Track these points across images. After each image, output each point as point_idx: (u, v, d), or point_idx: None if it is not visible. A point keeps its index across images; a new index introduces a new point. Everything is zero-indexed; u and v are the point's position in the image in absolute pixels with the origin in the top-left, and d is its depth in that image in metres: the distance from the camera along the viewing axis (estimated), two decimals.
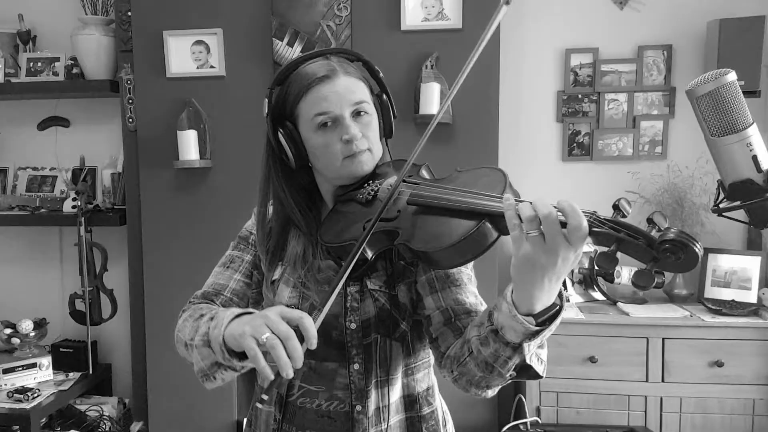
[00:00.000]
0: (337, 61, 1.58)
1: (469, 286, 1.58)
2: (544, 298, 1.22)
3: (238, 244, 1.77)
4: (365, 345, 1.57)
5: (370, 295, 1.57)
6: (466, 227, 1.28)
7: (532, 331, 1.23)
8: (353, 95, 1.54)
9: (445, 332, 1.50)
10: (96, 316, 3.81)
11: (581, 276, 3.65)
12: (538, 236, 1.15)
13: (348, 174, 1.57)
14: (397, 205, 1.46)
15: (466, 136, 3.35)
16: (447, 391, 1.76)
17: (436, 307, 1.53)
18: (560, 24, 3.79)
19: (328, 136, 1.54)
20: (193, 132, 3.47)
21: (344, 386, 1.60)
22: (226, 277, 1.72)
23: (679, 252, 1.08)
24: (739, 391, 3.20)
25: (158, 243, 3.63)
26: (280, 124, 1.59)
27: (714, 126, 1.23)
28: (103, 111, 4.02)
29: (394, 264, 1.58)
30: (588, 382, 3.29)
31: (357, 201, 1.57)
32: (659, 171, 3.69)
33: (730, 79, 1.22)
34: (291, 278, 1.63)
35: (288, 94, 1.58)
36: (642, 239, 1.11)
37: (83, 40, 3.75)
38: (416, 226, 1.39)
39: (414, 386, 1.66)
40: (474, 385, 1.41)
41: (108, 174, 3.97)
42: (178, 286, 3.50)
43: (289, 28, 3.41)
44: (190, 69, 3.54)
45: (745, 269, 3.45)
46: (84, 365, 3.87)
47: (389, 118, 1.65)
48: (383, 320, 1.56)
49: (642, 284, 1.12)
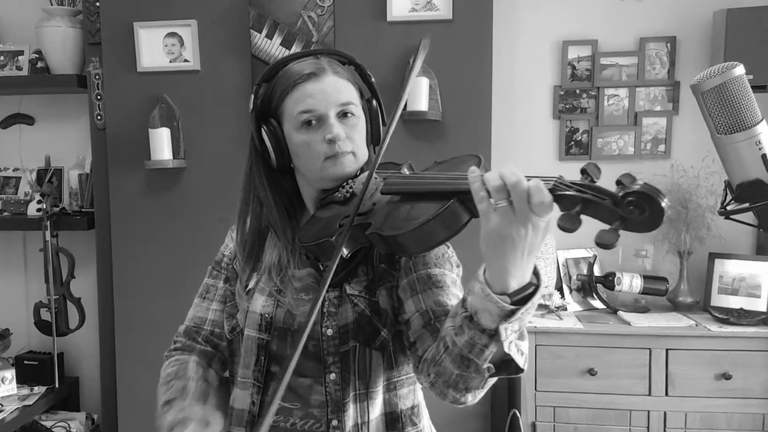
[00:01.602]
0: (327, 61, 1.62)
1: (453, 289, 1.58)
2: (518, 273, 1.22)
3: (212, 270, 1.81)
4: (342, 353, 1.57)
5: (348, 300, 1.58)
6: (434, 208, 1.31)
7: (508, 311, 1.22)
8: (340, 95, 1.58)
9: (424, 335, 1.50)
10: (62, 327, 3.77)
11: (579, 283, 3.64)
12: (506, 206, 1.16)
13: (329, 176, 1.59)
14: (372, 199, 1.50)
15: (456, 134, 3.35)
16: (437, 407, 1.76)
17: (416, 309, 1.53)
18: (557, 14, 3.77)
19: (311, 134, 1.57)
20: (166, 130, 3.45)
21: (320, 403, 1.59)
22: (203, 309, 1.78)
23: (643, 205, 1.08)
24: (747, 406, 3.18)
25: (129, 248, 3.60)
26: (264, 122, 1.62)
27: (721, 123, 1.26)
28: (69, 108, 4.00)
29: (375, 268, 1.60)
30: (587, 396, 3.26)
31: (336, 201, 1.59)
32: (662, 171, 3.67)
33: (738, 73, 1.26)
34: (266, 287, 1.65)
35: (274, 90, 1.62)
36: (608, 199, 1.12)
37: (48, 32, 3.72)
38: (389, 214, 1.43)
39: (397, 403, 1.65)
40: (451, 386, 1.38)
41: (75, 175, 3.94)
42: (150, 294, 3.50)
43: (268, 19, 3.40)
44: (163, 63, 3.52)
45: (754, 275, 3.44)
46: (50, 379, 3.83)
47: (378, 125, 1.69)
48: (362, 327, 1.57)
49: (605, 242, 1.10)
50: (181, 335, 1.78)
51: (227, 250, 1.79)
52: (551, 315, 3.42)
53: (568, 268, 3.68)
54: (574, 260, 3.70)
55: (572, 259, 3.70)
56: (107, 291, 3.69)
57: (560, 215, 1.13)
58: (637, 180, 1.11)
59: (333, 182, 1.60)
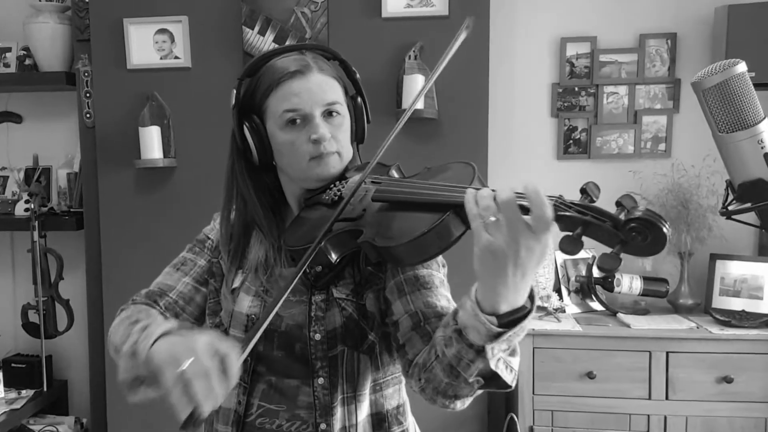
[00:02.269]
0: (312, 57, 1.61)
1: (441, 290, 1.58)
2: (510, 296, 1.20)
3: (194, 247, 1.79)
4: (330, 357, 1.57)
5: (336, 304, 1.58)
6: (430, 220, 1.30)
7: (495, 333, 1.22)
8: (326, 94, 1.57)
9: (413, 338, 1.50)
10: (51, 329, 3.77)
11: (578, 285, 3.64)
12: (496, 222, 1.15)
13: (314, 176, 1.59)
14: (363, 204, 1.49)
15: (452, 133, 3.34)
16: (432, 411, 1.76)
17: (405, 311, 1.53)
18: (555, 10, 3.77)
19: (296, 134, 1.56)
20: (156, 128, 3.45)
21: (307, 405, 1.59)
22: (174, 279, 1.74)
23: (645, 232, 1.09)
24: (749, 410, 3.17)
25: (118, 249, 3.59)
26: (246, 118, 1.62)
27: (722, 121, 1.26)
28: (58, 106, 3.99)
29: (362, 270, 1.59)
30: (585, 400, 3.25)
31: (323, 203, 1.58)
32: (662, 170, 3.67)
33: (740, 70, 1.26)
34: (252, 286, 1.64)
35: (257, 86, 1.60)
36: (608, 221, 1.12)
37: (36, 28, 3.72)
38: (380, 223, 1.42)
39: (383, 403, 1.66)
40: (441, 393, 1.39)
41: (64, 174, 3.94)
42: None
43: (261, 15, 3.41)
44: (153, 60, 3.51)
45: (756, 277, 3.44)
46: (38, 382, 3.84)
47: (362, 123, 1.69)
48: (350, 331, 1.57)
49: (607, 267, 1.12)
50: (141, 296, 1.72)
51: (213, 233, 1.77)
52: (549, 317, 3.41)
53: (567, 270, 3.67)
54: (572, 261, 3.69)
55: (571, 260, 3.70)
56: (96, 292, 3.69)
57: (561, 239, 1.13)
58: (639, 205, 1.12)
59: (318, 182, 1.60)
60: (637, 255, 1.12)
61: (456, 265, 1.69)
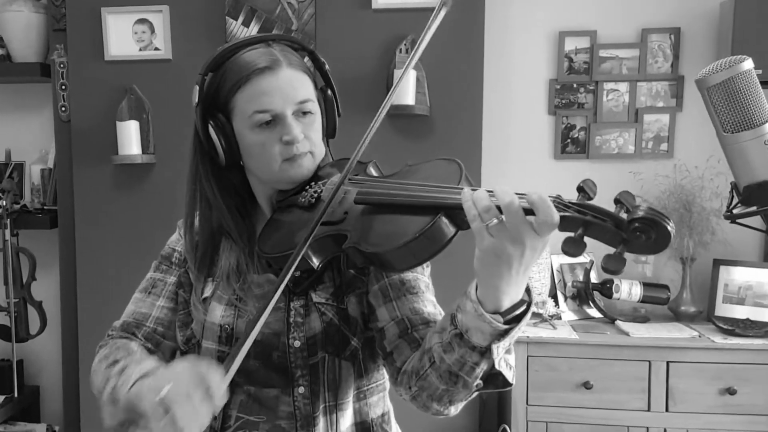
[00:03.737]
0: (279, 50, 1.57)
1: (427, 294, 1.59)
2: (512, 292, 1.24)
3: (160, 265, 1.77)
4: (311, 365, 1.57)
5: (315, 309, 1.57)
6: (420, 223, 1.29)
7: (501, 331, 1.24)
8: (297, 92, 1.54)
9: (401, 345, 1.50)
10: (22, 332, 3.77)
11: (575, 290, 3.63)
12: (499, 225, 1.16)
13: (287, 178, 1.57)
14: (344, 206, 1.47)
15: (445, 130, 3.36)
16: (423, 421, 1.75)
17: (391, 318, 1.53)
18: (553, 3, 3.76)
19: (267, 135, 1.54)
20: (135, 123, 3.46)
21: (288, 415, 1.59)
22: (147, 305, 1.71)
23: (649, 231, 1.10)
24: (753, 422, 3.17)
25: (94, 249, 3.60)
26: (210, 116, 1.58)
27: (727, 120, 1.27)
28: (32, 98, 3.98)
29: (343, 274, 1.59)
30: (582, 411, 3.25)
31: (299, 206, 1.56)
32: (664, 171, 3.67)
33: (746, 68, 1.27)
34: (224, 295, 1.62)
35: (223, 83, 1.56)
36: (610, 221, 1.13)
37: (10, 17, 3.73)
38: (366, 226, 1.40)
39: (367, 412, 1.66)
40: (435, 400, 1.40)
41: (37, 170, 3.95)
42: (117, 298, 3.42)
43: (245, 5, 3.43)
44: (132, 51, 3.52)
45: (761, 284, 3.45)
46: (8, 387, 3.83)
47: (333, 117, 1.67)
48: (331, 337, 1.56)
49: (612, 269, 1.12)
50: (117, 329, 1.71)
51: (179, 245, 1.74)
52: (545, 324, 3.40)
53: (563, 274, 3.67)
54: (569, 266, 3.69)
55: (567, 265, 3.69)
56: (70, 294, 3.70)
57: (564, 240, 1.14)
58: (639, 202, 1.14)
59: (290, 184, 1.59)
60: (641, 253, 1.14)
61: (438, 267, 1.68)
